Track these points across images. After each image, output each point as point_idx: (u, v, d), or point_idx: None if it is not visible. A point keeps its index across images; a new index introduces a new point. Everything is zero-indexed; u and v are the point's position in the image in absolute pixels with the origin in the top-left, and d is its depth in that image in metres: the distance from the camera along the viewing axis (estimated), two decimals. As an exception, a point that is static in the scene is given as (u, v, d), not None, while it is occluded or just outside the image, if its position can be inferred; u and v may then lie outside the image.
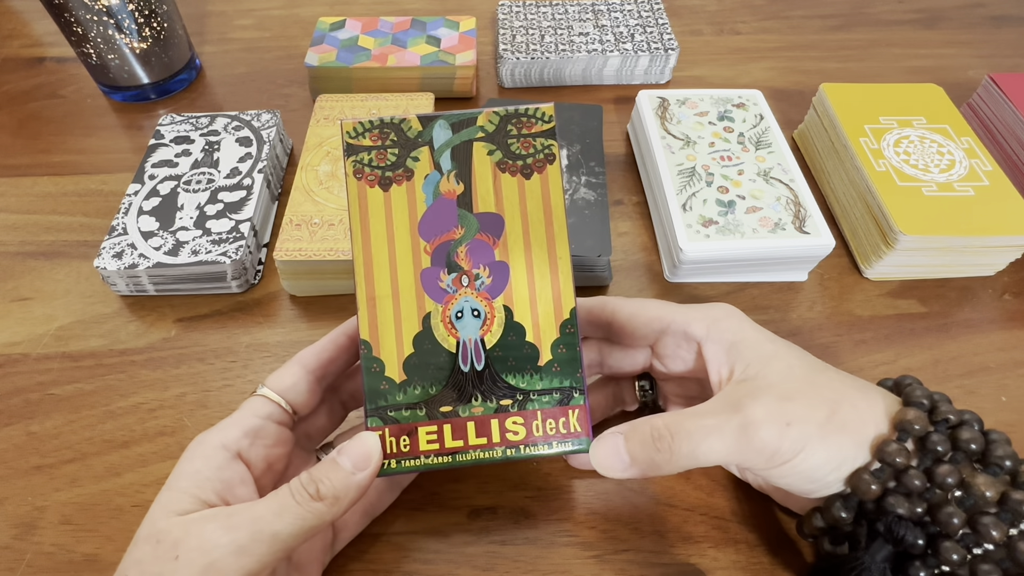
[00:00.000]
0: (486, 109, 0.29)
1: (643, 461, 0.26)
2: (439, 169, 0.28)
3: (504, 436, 0.28)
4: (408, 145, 0.28)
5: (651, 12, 0.59)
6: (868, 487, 0.25)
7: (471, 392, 0.28)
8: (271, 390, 0.28)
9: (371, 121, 0.28)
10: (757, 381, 0.26)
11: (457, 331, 0.28)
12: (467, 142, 0.28)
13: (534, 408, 0.28)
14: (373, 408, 0.27)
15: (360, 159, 0.28)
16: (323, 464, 0.26)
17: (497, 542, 0.32)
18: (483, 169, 0.28)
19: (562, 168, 0.30)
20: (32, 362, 0.38)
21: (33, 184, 0.48)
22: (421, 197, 0.28)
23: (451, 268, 0.28)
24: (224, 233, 0.41)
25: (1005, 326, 0.41)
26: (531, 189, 0.28)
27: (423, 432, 0.27)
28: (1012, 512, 0.24)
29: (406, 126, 0.28)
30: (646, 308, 0.30)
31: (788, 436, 0.25)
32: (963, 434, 0.25)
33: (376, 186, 0.28)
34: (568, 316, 0.28)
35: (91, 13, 0.48)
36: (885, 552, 0.25)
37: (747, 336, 0.28)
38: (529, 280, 0.28)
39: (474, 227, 0.28)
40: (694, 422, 0.26)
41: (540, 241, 0.28)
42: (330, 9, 0.66)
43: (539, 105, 0.29)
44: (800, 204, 0.42)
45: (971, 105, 0.52)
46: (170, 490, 0.25)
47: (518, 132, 0.29)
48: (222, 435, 0.26)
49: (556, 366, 0.28)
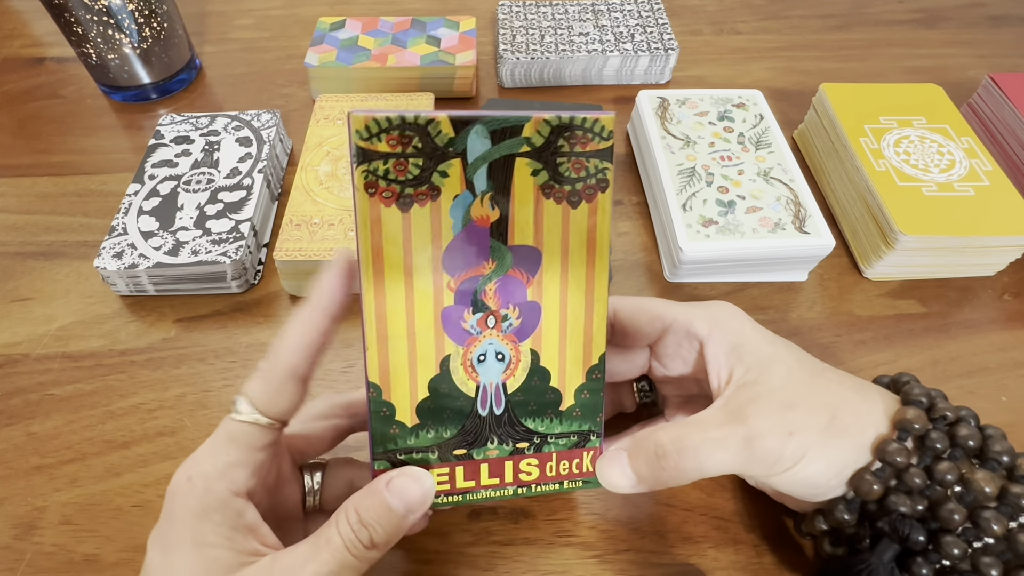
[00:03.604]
0: (535, 115, 0.23)
1: (649, 479, 0.26)
2: (472, 189, 0.23)
3: (517, 476, 0.27)
4: (436, 155, 0.23)
5: (651, 12, 0.59)
6: (870, 488, 0.25)
7: (487, 436, 0.26)
8: (267, 415, 0.24)
9: (389, 119, 0.22)
10: (757, 387, 0.26)
11: (478, 375, 0.25)
12: (508, 157, 0.23)
13: (550, 451, 0.27)
14: (381, 451, 0.25)
15: (374, 169, 0.22)
16: (371, 504, 0.23)
17: (497, 542, 0.32)
18: (524, 193, 0.23)
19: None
20: (32, 362, 0.38)
21: (33, 184, 0.48)
22: (448, 223, 0.23)
23: (477, 308, 0.24)
24: (224, 233, 0.41)
25: (1005, 326, 0.41)
26: (576, 220, 0.24)
27: (434, 474, 0.26)
28: (1012, 505, 0.24)
29: (434, 129, 0.22)
30: (647, 307, 0.30)
31: (790, 445, 0.25)
32: (961, 431, 0.26)
33: (393, 205, 0.23)
34: (596, 362, 0.26)
35: (91, 13, 0.48)
36: (892, 552, 0.25)
37: (748, 338, 0.28)
38: (561, 323, 0.25)
39: (507, 262, 0.24)
40: (699, 436, 0.25)
41: (579, 281, 0.25)
42: (330, 9, 0.66)
43: (598, 116, 0.24)
44: (800, 204, 0.42)
45: (971, 105, 0.52)
46: (202, 547, 0.23)
47: (570, 149, 0.24)
48: (229, 481, 0.23)
49: (577, 411, 0.27)
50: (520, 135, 0.23)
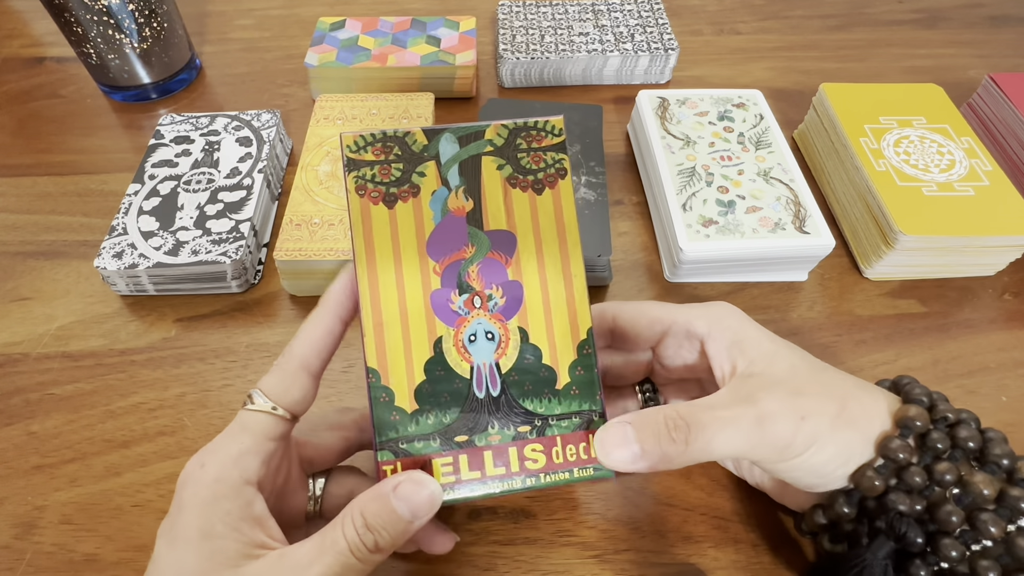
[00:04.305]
0: (494, 122, 0.27)
1: (654, 454, 0.25)
2: (447, 185, 0.27)
3: (523, 465, 0.26)
4: (413, 160, 0.27)
5: (651, 12, 0.59)
6: (871, 483, 0.25)
7: (487, 420, 0.26)
8: (280, 405, 0.25)
9: (373, 134, 0.27)
10: (764, 377, 0.26)
11: (471, 355, 0.27)
12: (475, 156, 0.27)
13: (553, 434, 0.27)
14: (383, 441, 0.26)
15: (362, 174, 0.27)
16: (377, 509, 0.24)
17: (497, 542, 0.32)
18: (493, 184, 0.27)
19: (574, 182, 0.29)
20: (32, 362, 0.38)
21: (33, 184, 0.48)
22: (428, 214, 0.27)
23: (462, 289, 0.27)
24: (224, 233, 0.41)
25: (1005, 326, 0.41)
26: (543, 205, 0.27)
27: (438, 464, 0.26)
28: (1010, 508, 0.24)
29: (410, 139, 0.27)
30: (647, 310, 0.30)
31: (803, 430, 0.25)
32: (961, 432, 0.26)
33: (380, 203, 0.27)
34: (585, 336, 0.27)
35: (91, 13, 0.48)
36: (887, 549, 0.25)
37: (748, 334, 0.28)
38: (544, 300, 0.27)
39: (485, 245, 0.27)
40: (708, 414, 0.25)
41: (554, 259, 0.27)
42: (330, 9, 0.66)
43: (548, 118, 0.28)
44: (800, 204, 0.42)
45: (971, 105, 0.52)
46: (209, 539, 0.23)
47: (528, 146, 0.28)
48: (242, 469, 0.24)
49: (574, 389, 0.27)
50: (483, 138, 0.27)
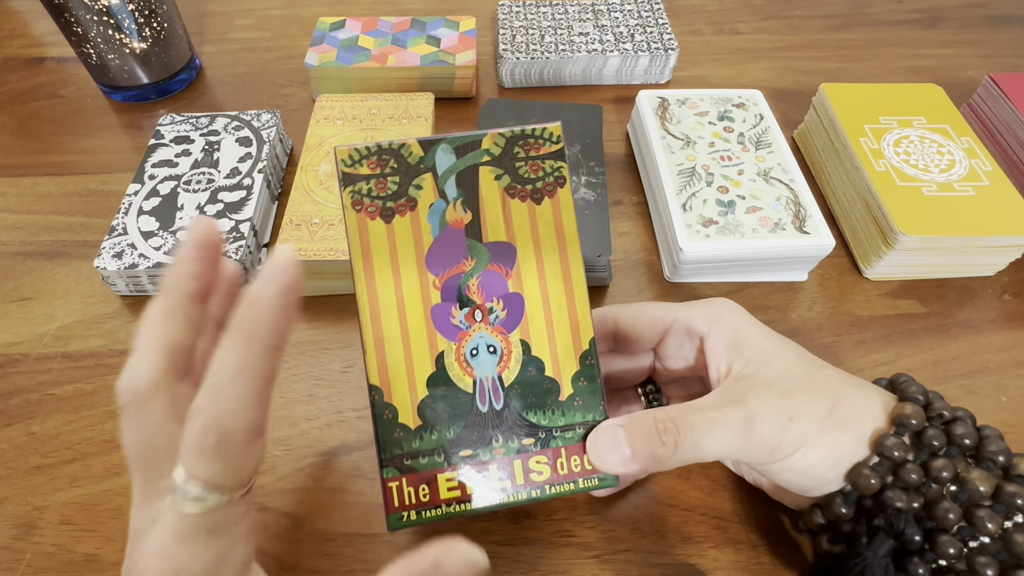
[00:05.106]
0: (491, 131, 0.27)
1: (645, 455, 0.25)
2: (444, 197, 0.26)
3: (528, 477, 0.26)
4: (410, 172, 0.26)
5: (651, 12, 0.59)
6: (868, 482, 0.25)
7: (491, 434, 0.26)
8: (235, 492, 0.20)
9: (368, 147, 0.26)
10: (756, 378, 0.26)
11: (473, 369, 0.26)
12: (473, 167, 0.27)
13: (557, 446, 0.27)
14: (388, 457, 0.26)
15: (358, 189, 0.26)
16: None
17: (497, 542, 0.32)
18: (491, 195, 0.27)
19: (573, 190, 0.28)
20: (32, 362, 0.38)
21: (33, 184, 0.48)
22: (427, 228, 0.26)
23: (463, 303, 0.26)
24: (224, 233, 0.41)
25: (1005, 326, 0.41)
26: (542, 214, 0.27)
27: (443, 479, 0.26)
28: (1006, 505, 0.24)
29: (406, 151, 0.26)
30: (646, 311, 0.30)
31: (790, 431, 0.25)
32: (957, 429, 0.26)
33: (377, 218, 0.26)
34: (587, 347, 0.27)
35: (91, 13, 0.48)
36: (887, 547, 0.25)
37: (747, 333, 0.28)
38: (545, 311, 0.27)
39: (485, 258, 0.27)
40: (698, 415, 0.25)
41: (555, 269, 0.27)
42: (330, 9, 0.66)
43: (546, 125, 0.27)
44: (800, 204, 0.42)
45: (971, 105, 0.52)
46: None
47: (526, 154, 0.27)
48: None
49: (578, 400, 0.27)
50: (480, 147, 0.27)
